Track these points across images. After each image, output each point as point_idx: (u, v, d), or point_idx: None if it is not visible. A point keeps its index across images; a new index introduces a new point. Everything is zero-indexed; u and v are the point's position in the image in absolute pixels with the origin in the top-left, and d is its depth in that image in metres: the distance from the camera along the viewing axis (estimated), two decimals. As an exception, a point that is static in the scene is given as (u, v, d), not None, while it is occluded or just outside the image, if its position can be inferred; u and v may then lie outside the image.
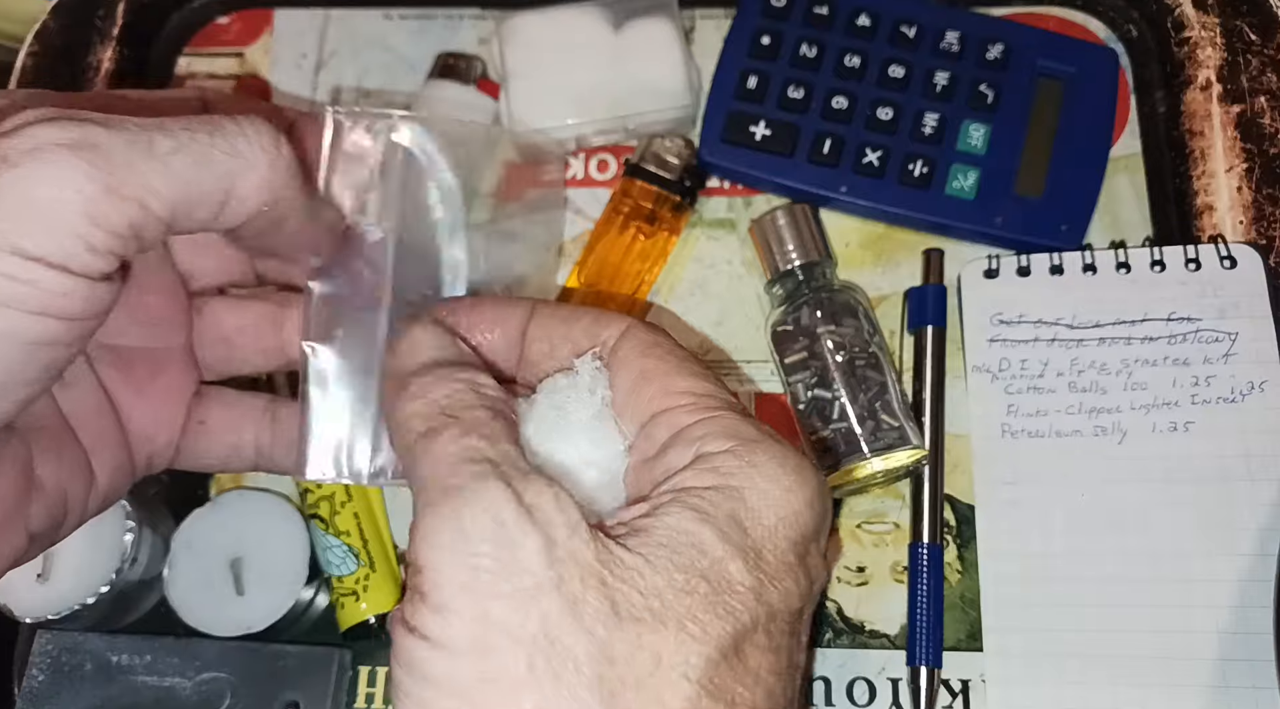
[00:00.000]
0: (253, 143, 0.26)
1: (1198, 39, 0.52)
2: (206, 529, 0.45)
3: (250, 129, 0.26)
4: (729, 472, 0.26)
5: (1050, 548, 0.44)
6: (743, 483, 0.26)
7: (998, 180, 0.49)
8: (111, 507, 0.43)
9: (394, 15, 0.56)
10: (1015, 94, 0.50)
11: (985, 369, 0.47)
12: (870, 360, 0.45)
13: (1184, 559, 0.43)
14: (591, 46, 0.51)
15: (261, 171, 0.26)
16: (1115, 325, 0.47)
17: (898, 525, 0.46)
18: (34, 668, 0.42)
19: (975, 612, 0.44)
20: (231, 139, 0.26)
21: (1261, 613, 0.42)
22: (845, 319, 0.45)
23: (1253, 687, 0.41)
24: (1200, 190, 0.50)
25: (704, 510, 0.25)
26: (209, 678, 0.42)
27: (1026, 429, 0.46)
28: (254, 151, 0.26)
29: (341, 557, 0.45)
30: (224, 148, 0.26)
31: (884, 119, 0.50)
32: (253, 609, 0.44)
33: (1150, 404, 0.45)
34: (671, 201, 0.50)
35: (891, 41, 0.51)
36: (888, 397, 0.44)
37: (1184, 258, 0.47)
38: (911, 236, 0.51)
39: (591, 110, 0.51)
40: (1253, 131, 0.50)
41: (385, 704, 0.45)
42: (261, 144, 0.26)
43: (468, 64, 0.53)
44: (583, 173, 0.53)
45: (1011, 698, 0.43)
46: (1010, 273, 0.48)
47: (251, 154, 0.26)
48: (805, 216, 0.48)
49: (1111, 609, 0.43)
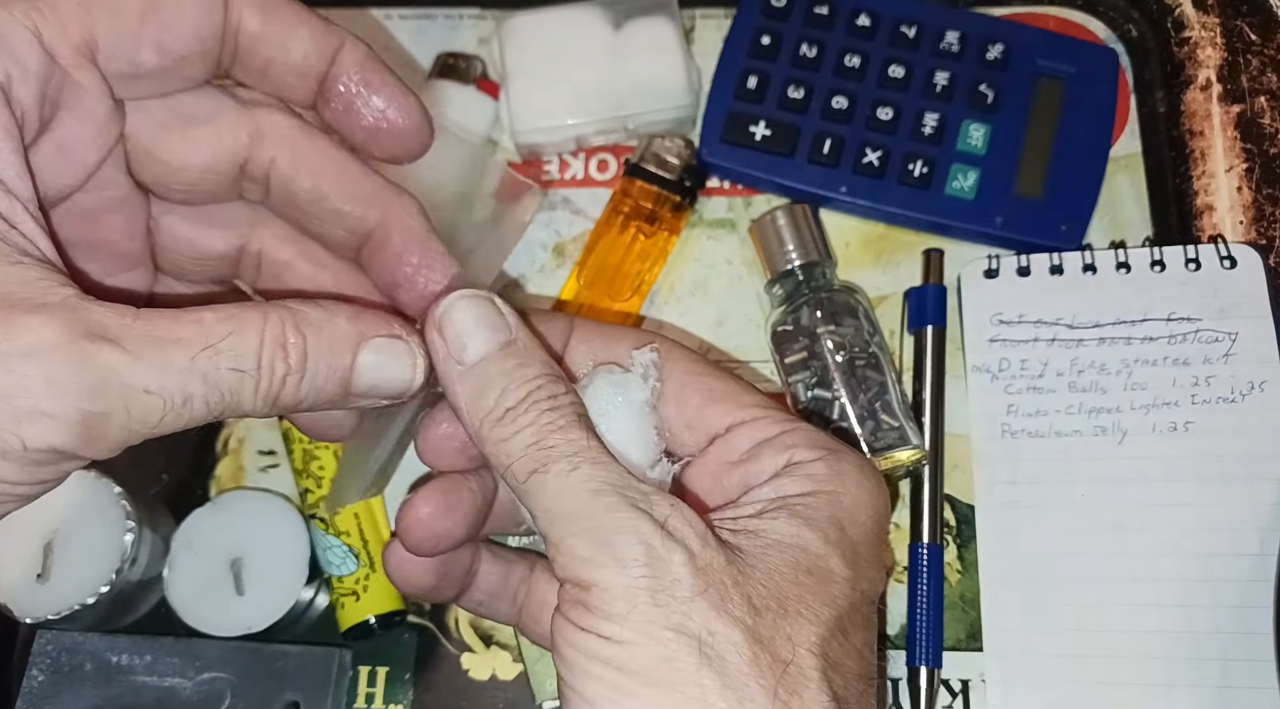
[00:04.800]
0: (257, 395, 0.26)
1: (1198, 39, 0.52)
2: (206, 529, 0.45)
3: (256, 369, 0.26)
4: (824, 478, 0.30)
5: (1050, 548, 0.44)
6: (838, 488, 0.30)
7: (998, 180, 0.49)
8: (112, 502, 0.43)
9: (394, 15, 0.56)
10: (1015, 94, 0.50)
11: (985, 369, 0.47)
12: (870, 360, 0.45)
13: (1184, 559, 0.43)
14: (591, 46, 0.51)
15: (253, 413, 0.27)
16: (1115, 325, 0.47)
17: (897, 525, 0.46)
18: (34, 668, 0.42)
19: (975, 612, 0.44)
20: (235, 393, 0.26)
21: (1262, 613, 0.42)
22: (845, 319, 0.45)
23: (1253, 687, 0.41)
24: (1200, 190, 0.50)
25: (807, 516, 0.29)
26: (209, 678, 0.42)
27: (1026, 429, 0.46)
28: (256, 403, 0.26)
29: (341, 557, 0.45)
30: (226, 400, 0.26)
31: (884, 119, 0.50)
32: (253, 609, 0.44)
33: (1150, 404, 0.45)
34: (671, 201, 0.50)
35: (892, 41, 0.51)
36: (888, 397, 0.44)
37: (1184, 258, 0.47)
38: (911, 236, 0.51)
39: (591, 110, 0.51)
40: (1253, 131, 0.50)
41: (385, 704, 0.45)
42: (266, 398, 0.26)
43: (468, 64, 0.53)
44: (583, 173, 0.53)
45: (1011, 698, 0.43)
46: (1010, 273, 0.48)
47: (252, 404, 0.26)
48: (805, 216, 0.48)
49: (1111, 609, 0.43)
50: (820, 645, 0.27)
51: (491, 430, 0.29)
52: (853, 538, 0.29)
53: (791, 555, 0.28)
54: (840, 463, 0.30)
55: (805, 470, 0.30)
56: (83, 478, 0.43)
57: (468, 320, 0.29)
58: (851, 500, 0.30)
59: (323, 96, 0.30)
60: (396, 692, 0.45)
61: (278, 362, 0.26)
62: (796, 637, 0.27)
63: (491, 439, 0.29)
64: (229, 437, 0.49)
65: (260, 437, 0.49)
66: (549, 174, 0.53)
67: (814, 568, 0.28)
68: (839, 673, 0.28)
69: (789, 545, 0.28)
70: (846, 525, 0.29)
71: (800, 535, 0.28)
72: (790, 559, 0.28)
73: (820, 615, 0.28)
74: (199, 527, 0.45)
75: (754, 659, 0.26)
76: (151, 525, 0.44)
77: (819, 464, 0.30)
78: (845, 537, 0.29)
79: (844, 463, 0.30)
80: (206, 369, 0.25)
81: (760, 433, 0.31)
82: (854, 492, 0.30)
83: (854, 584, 0.29)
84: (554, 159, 0.53)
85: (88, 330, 0.23)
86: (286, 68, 0.29)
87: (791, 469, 0.30)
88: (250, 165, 0.30)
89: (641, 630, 0.26)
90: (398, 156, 0.31)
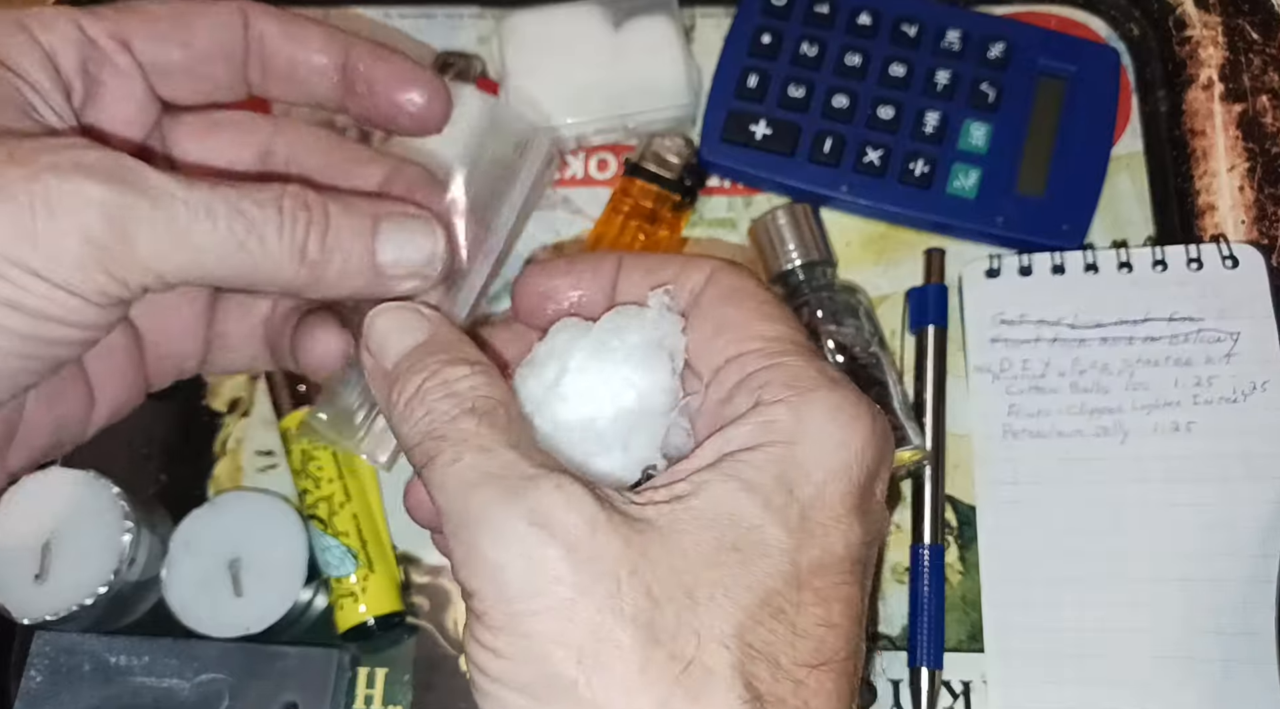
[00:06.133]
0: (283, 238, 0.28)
1: (1199, 38, 0.52)
2: (205, 530, 0.45)
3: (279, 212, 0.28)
4: (780, 428, 0.26)
5: (1051, 548, 0.44)
6: (793, 439, 0.26)
7: (999, 179, 0.49)
8: (110, 502, 0.43)
9: (394, 14, 0.56)
10: (1016, 93, 0.50)
11: (986, 369, 0.47)
12: (871, 360, 0.45)
13: (1185, 559, 0.43)
14: (591, 45, 0.51)
15: (285, 273, 0.28)
16: (1117, 325, 0.47)
17: (898, 526, 0.46)
18: (32, 669, 0.42)
19: (976, 612, 0.44)
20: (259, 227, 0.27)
21: (1263, 613, 0.42)
22: (846, 319, 0.45)
23: (1254, 687, 0.41)
24: (1202, 190, 0.49)
25: (746, 477, 0.26)
26: (207, 679, 0.42)
27: (1028, 429, 0.46)
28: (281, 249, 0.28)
29: (340, 557, 0.45)
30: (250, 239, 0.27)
31: (885, 118, 0.50)
32: (251, 610, 0.43)
33: (1152, 404, 0.45)
34: (671, 201, 0.49)
35: (892, 40, 0.51)
36: (889, 397, 0.44)
37: (1186, 257, 0.47)
38: (912, 236, 0.51)
39: (591, 109, 0.50)
40: (1255, 131, 0.50)
41: (384, 705, 0.45)
42: (291, 245, 0.28)
43: (467, 63, 0.53)
44: (583, 172, 0.53)
45: (1013, 699, 0.43)
46: (1012, 272, 0.48)
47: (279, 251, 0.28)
48: (806, 216, 0.48)
49: (1112, 609, 0.43)
50: (737, 635, 0.24)
51: (398, 427, 0.28)
52: (801, 499, 0.25)
53: (714, 531, 0.25)
54: (806, 406, 0.26)
55: (764, 415, 0.26)
56: (81, 478, 0.43)
57: (385, 328, 0.29)
58: (810, 452, 0.26)
59: (347, 87, 0.33)
60: (395, 692, 0.45)
61: (299, 211, 0.28)
62: (704, 629, 0.24)
63: (399, 435, 0.28)
64: (227, 437, 0.49)
65: (258, 437, 0.49)
66: (549, 173, 0.53)
67: (741, 542, 0.25)
68: (766, 664, 0.24)
69: (713, 518, 0.25)
70: (797, 484, 0.26)
71: (732, 503, 0.25)
72: (712, 537, 0.25)
73: (740, 600, 0.24)
74: (197, 527, 0.45)
75: (644, 664, 0.23)
76: (150, 526, 0.44)
77: (779, 407, 0.26)
78: (791, 499, 0.25)
79: (811, 406, 0.26)
80: (228, 194, 0.27)
81: (745, 368, 0.28)
82: (815, 439, 0.26)
83: (796, 554, 0.25)
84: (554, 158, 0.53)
85: (120, 153, 0.26)
86: (310, 67, 0.33)
87: (752, 413, 0.27)
88: (270, 158, 0.34)
89: (518, 643, 0.24)
90: (425, 127, 0.34)
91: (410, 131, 0.34)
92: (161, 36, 0.31)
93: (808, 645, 0.25)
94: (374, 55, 0.33)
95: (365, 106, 0.33)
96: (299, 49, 0.32)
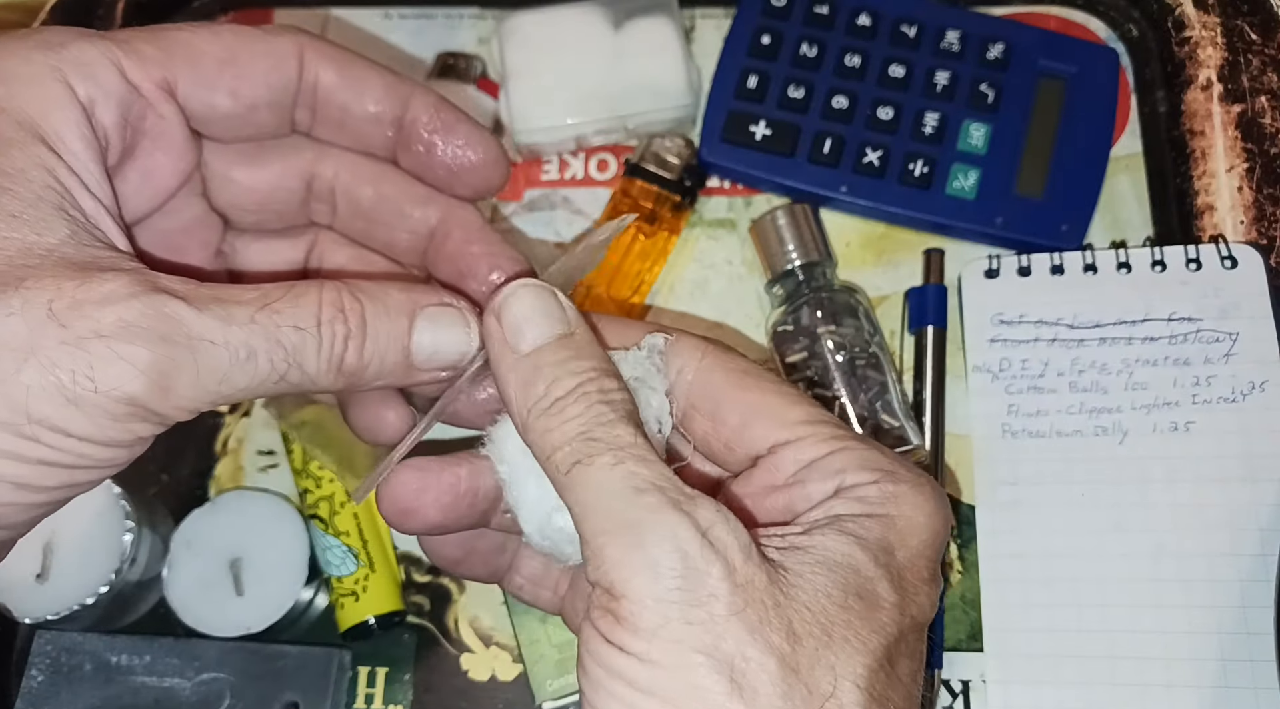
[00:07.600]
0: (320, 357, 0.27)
1: (1198, 38, 0.52)
2: (206, 529, 0.45)
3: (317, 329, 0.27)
4: (877, 501, 0.28)
5: (1050, 548, 0.44)
6: (891, 511, 0.28)
7: (998, 180, 0.49)
8: (112, 502, 0.43)
9: (394, 15, 0.56)
10: (1016, 93, 0.50)
11: (986, 369, 0.47)
12: (870, 360, 0.45)
13: (1184, 559, 0.43)
14: (591, 46, 0.51)
15: (320, 384, 0.28)
16: (1116, 325, 0.47)
17: (898, 526, 0.46)
18: (33, 668, 0.42)
19: (976, 612, 0.44)
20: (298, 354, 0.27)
21: (1262, 613, 0.42)
22: (845, 319, 0.45)
23: (1253, 687, 0.41)
24: (1201, 190, 0.49)
25: (858, 534, 0.27)
26: (208, 678, 0.42)
27: (1027, 429, 0.46)
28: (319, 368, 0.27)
29: (341, 557, 0.45)
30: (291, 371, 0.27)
31: (884, 118, 0.50)
32: (252, 610, 0.44)
33: (1151, 404, 0.45)
34: (671, 201, 0.49)
35: (892, 41, 0.51)
36: (888, 397, 0.44)
37: (1185, 258, 0.47)
38: (912, 236, 0.51)
39: (591, 110, 0.51)
40: (1253, 131, 0.50)
41: (384, 705, 0.45)
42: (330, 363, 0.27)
43: (468, 63, 0.53)
44: (583, 173, 0.53)
45: (1012, 698, 0.43)
46: (1011, 273, 0.48)
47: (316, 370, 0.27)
48: (805, 216, 0.48)
49: (1111, 609, 0.43)
50: (867, 678, 0.25)
51: (538, 420, 0.28)
52: (900, 562, 0.28)
53: (841, 576, 0.26)
54: (895, 485, 0.29)
55: (857, 494, 0.28)
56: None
57: (526, 309, 0.29)
58: (906, 523, 0.28)
59: (402, 142, 0.32)
60: (396, 692, 0.45)
61: (337, 323, 0.27)
62: (840, 667, 0.25)
63: (538, 429, 0.28)
64: (228, 437, 0.49)
65: (259, 437, 0.49)
66: (549, 174, 0.53)
67: (863, 591, 0.26)
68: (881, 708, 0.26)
69: (839, 565, 0.26)
70: (897, 549, 0.28)
71: (852, 555, 0.27)
72: (839, 580, 0.26)
73: (868, 644, 0.26)
74: (198, 527, 0.45)
75: (787, 693, 0.24)
76: (151, 526, 0.44)
77: (872, 488, 0.28)
78: (893, 560, 0.27)
79: (899, 485, 0.29)
80: (267, 325, 0.26)
81: (807, 454, 0.29)
82: (909, 514, 0.28)
83: (902, 611, 0.27)
84: (554, 159, 0.53)
85: (157, 286, 0.25)
86: (364, 117, 0.32)
87: (843, 493, 0.29)
88: (316, 182, 0.33)
89: (670, 650, 0.24)
90: (480, 192, 0.33)
91: (463, 195, 0.33)
92: (209, 84, 0.29)
93: (909, 696, 0.27)
94: (436, 112, 0.32)
95: (420, 164, 0.32)
96: (355, 99, 0.31)
